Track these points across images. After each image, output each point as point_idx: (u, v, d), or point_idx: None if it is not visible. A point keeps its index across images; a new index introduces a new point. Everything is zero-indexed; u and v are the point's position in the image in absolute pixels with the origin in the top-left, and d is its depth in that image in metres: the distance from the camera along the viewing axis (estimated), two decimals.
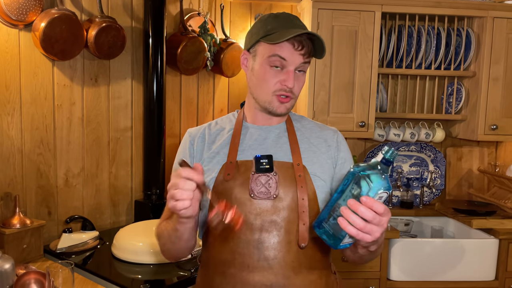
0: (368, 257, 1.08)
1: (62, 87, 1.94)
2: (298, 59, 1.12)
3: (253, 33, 1.18)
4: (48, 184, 1.93)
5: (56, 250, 1.82)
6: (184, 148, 1.23)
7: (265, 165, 1.12)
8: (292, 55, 1.11)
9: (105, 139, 2.12)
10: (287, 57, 1.12)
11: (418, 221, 2.69)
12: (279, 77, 1.14)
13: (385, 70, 2.56)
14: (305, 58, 1.13)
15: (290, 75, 1.13)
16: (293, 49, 1.11)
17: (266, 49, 1.13)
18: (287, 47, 1.11)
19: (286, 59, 1.12)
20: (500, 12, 2.47)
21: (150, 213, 2.17)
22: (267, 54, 1.13)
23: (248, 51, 1.20)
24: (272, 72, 1.14)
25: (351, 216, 0.86)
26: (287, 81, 1.13)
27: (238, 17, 2.67)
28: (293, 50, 1.11)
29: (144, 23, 2.17)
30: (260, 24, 1.17)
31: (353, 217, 0.86)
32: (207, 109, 2.60)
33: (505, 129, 2.55)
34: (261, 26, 1.16)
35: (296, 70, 1.14)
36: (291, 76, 1.13)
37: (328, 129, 1.28)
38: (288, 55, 1.11)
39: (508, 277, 2.33)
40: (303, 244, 1.11)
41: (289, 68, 1.13)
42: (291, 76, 1.13)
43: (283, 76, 1.13)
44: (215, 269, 1.16)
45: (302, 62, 1.13)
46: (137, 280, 1.63)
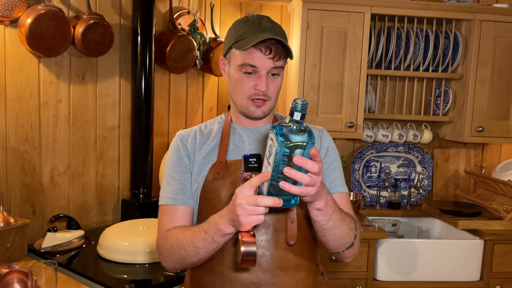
0: (333, 230, 1.05)
1: (48, 84, 1.91)
2: (268, 63, 1.13)
3: (227, 39, 1.20)
4: (33, 182, 1.90)
5: (40, 249, 1.80)
6: (178, 149, 1.22)
7: (253, 164, 1.13)
8: (261, 61, 1.12)
9: (92, 137, 2.10)
10: (257, 64, 1.13)
11: (405, 221, 2.71)
12: (253, 82, 1.15)
13: (374, 71, 2.57)
14: (275, 61, 1.14)
15: (263, 79, 1.14)
16: (262, 54, 1.12)
17: (238, 57, 1.15)
18: (256, 53, 1.12)
19: (256, 66, 1.13)
20: (488, 15, 2.50)
21: (137, 212, 2.15)
22: (239, 61, 1.15)
23: (224, 57, 1.22)
24: (245, 78, 1.15)
25: (297, 175, 0.87)
26: (260, 85, 1.14)
27: (228, 16, 2.66)
28: (262, 55, 1.12)
29: (133, 21, 2.15)
30: (232, 30, 1.18)
31: (299, 175, 0.87)
32: (196, 108, 2.59)
33: (491, 131, 2.58)
34: (233, 31, 1.17)
35: (269, 73, 1.15)
36: (263, 80, 1.14)
37: (313, 128, 1.29)
38: (258, 61, 1.12)
39: (492, 277, 2.35)
40: (292, 241, 1.12)
41: (261, 73, 1.14)
42: (263, 80, 1.14)
43: (256, 80, 1.15)
44: (204, 267, 1.15)
45: (272, 66, 1.14)
46: (122, 280, 1.62)
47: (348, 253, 1.15)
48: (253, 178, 0.92)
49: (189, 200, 1.18)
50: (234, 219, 0.95)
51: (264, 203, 0.90)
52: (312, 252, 1.20)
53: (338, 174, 1.23)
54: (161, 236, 1.15)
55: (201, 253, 1.05)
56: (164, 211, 1.18)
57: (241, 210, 0.92)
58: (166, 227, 1.15)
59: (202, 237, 1.03)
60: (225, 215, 0.99)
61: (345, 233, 1.08)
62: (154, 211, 2.20)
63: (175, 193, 1.17)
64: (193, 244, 1.05)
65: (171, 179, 1.19)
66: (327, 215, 1.01)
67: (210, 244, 1.03)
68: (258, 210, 0.91)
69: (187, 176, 1.19)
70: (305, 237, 1.17)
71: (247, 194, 0.92)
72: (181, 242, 1.08)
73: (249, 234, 0.94)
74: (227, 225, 0.98)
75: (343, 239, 1.09)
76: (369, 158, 2.79)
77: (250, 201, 0.91)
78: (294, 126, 0.88)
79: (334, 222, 1.03)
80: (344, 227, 1.07)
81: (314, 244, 1.22)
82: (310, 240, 1.20)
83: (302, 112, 0.89)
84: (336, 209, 1.03)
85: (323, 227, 1.04)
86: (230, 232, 0.99)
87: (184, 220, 1.16)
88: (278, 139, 0.87)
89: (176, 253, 1.10)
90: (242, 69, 1.14)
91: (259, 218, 0.92)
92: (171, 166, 1.20)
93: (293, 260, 1.14)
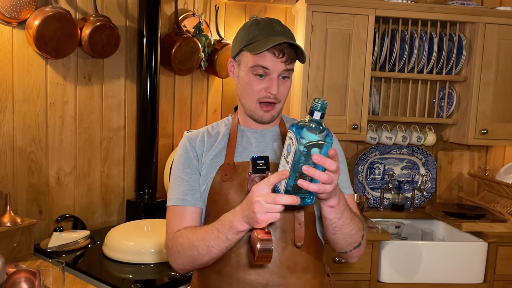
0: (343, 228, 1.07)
1: (55, 86, 1.93)
2: (280, 66, 1.14)
3: (237, 41, 1.21)
4: (39, 183, 1.92)
5: (46, 249, 1.81)
6: (186, 150, 1.23)
7: (261, 166, 1.14)
8: (273, 64, 1.14)
9: (97, 138, 2.12)
10: (269, 66, 1.14)
11: (409, 223, 2.71)
12: (263, 84, 1.16)
13: (378, 74, 2.58)
14: (287, 64, 1.15)
15: (274, 82, 1.15)
16: (274, 57, 1.13)
17: (249, 59, 1.16)
18: (268, 56, 1.13)
19: (268, 68, 1.14)
20: (492, 18, 2.50)
21: (142, 212, 2.17)
22: (250, 63, 1.15)
23: (234, 59, 1.23)
24: (256, 80, 1.16)
25: (316, 173, 0.89)
26: (271, 88, 1.15)
27: (233, 18, 2.68)
28: (274, 58, 1.13)
29: (139, 23, 2.17)
30: (243, 32, 1.19)
31: (317, 174, 0.89)
32: (201, 109, 2.60)
33: (495, 134, 2.58)
34: (243, 34, 1.18)
35: (280, 76, 1.16)
36: (275, 83, 1.15)
37: None
38: (270, 63, 1.13)
39: (496, 279, 2.35)
40: (299, 243, 1.13)
41: (273, 76, 1.15)
42: (275, 83, 1.15)
43: (267, 83, 1.16)
44: (211, 268, 1.16)
45: (284, 69, 1.15)
46: (128, 280, 1.63)
47: (355, 253, 1.16)
48: (271, 176, 0.94)
49: (198, 201, 1.19)
50: (249, 216, 0.96)
51: (282, 201, 0.92)
52: (319, 254, 1.21)
53: (344, 175, 1.25)
54: (171, 237, 1.16)
55: (213, 252, 1.06)
56: (172, 212, 1.19)
57: (259, 207, 0.93)
58: (175, 228, 1.16)
59: (215, 235, 1.04)
60: (239, 212, 1.00)
61: (354, 232, 1.09)
62: (159, 212, 2.21)
63: (184, 194, 1.18)
64: (206, 243, 1.06)
65: (179, 180, 1.20)
66: (339, 213, 1.03)
67: (223, 242, 1.04)
68: (275, 208, 0.93)
69: (196, 177, 1.20)
70: (312, 238, 1.18)
71: (265, 192, 0.94)
72: (192, 242, 1.09)
73: (263, 231, 0.95)
74: (241, 222, 0.99)
75: (351, 238, 1.10)
76: (372, 160, 2.79)
77: (269, 199, 0.92)
78: (314, 126, 0.90)
79: (344, 220, 1.05)
80: (353, 226, 1.08)
81: (321, 245, 1.23)
82: (317, 241, 1.21)
83: (322, 112, 0.91)
84: (347, 207, 1.05)
85: (334, 225, 1.05)
86: (244, 230, 1.01)
87: (193, 221, 1.17)
88: (297, 138, 0.89)
89: (188, 253, 1.10)
90: (253, 71, 1.15)
91: (275, 215, 0.93)
92: (180, 167, 1.21)
93: (300, 261, 1.15)
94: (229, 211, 1.04)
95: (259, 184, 0.95)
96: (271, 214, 0.93)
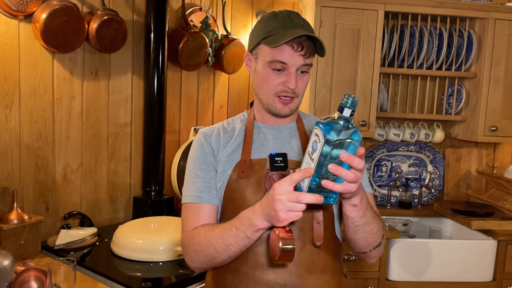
0: (365, 227, 1.05)
1: (62, 81, 1.90)
2: (299, 60, 1.11)
3: (254, 35, 1.17)
4: (46, 179, 1.89)
5: (54, 246, 1.78)
6: (202, 146, 1.20)
7: (279, 163, 1.11)
8: (292, 57, 1.10)
9: (104, 134, 2.09)
10: (287, 61, 1.11)
11: (417, 221, 2.69)
12: (281, 78, 1.13)
13: (386, 70, 2.55)
14: (306, 59, 1.12)
15: (292, 76, 1.12)
16: (293, 50, 1.10)
17: (267, 53, 1.12)
18: (286, 50, 1.10)
19: (286, 63, 1.11)
20: (502, 14, 2.47)
21: (149, 210, 2.14)
22: (267, 58, 1.12)
23: (251, 53, 1.20)
24: (274, 75, 1.13)
25: (342, 172, 0.87)
26: (289, 82, 1.12)
27: (240, 13, 2.64)
28: (293, 52, 1.10)
29: (146, 17, 2.14)
30: (260, 25, 1.16)
31: (344, 172, 0.87)
32: (207, 105, 2.57)
33: (504, 131, 2.55)
34: (261, 27, 1.15)
35: (298, 71, 1.13)
36: (293, 77, 1.12)
37: None
38: (288, 57, 1.10)
39: (505, 278, 2.34)
40: (319, 243, 1.11)
41: (291, 70, 1.12)
42: (293, 77, 1.12)
43: (285, 77, 1.13)
44: (227, 267, 1.14)
45: (302, 63, 1.12)
46: (137, 278, 1.60)
47: (375, 253, 1.13)
48: (294, 174, 0.91)
49: (214, 198, 1.16)
50: (270, 214, 0.93)
51: (305, 200, 0.89)
52: (337, 254, 1.19)
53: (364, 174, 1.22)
54: (187, 235, 1.13)
55: (232, 250, 1.04)
56: (188, 209, 1.16)
57: (281, 205, 0.90)
58: (192, 225, 1.13)
59: (234, 233, 1.02)
60: (259, 210, 0.97)
61: (375, 231, 1.07)
62: (166, 209, 2.19)
63: (200, 191, 1.15)
64: (224, 241, 1.03)
65: (195, 177, 1.17)
66: (361, 211, 1.00)
67: (242, 240, 1.01)
68: (298, 207, 0.90)
69: (212, 174, 1.17)
70: (330, 238, 1.16)
71: (287, 190, 0.91)
72: (210, 240, 1.06)
73: (284, 230, 0.93)
74: (261, 220, 0.97)
75: (372, 237, 1.07)
76: (380, 157, 2.77)
77: (291, 197, 0.89)
78: (343, 123, 0.87)
79: (366, 219, 1.03)
80: (375, 225, 1.06)
81: (339, 245, 1.21)
82: (335, 241, 1.18)
83: (352, 109, 0.87)
84: (369, 206, 1.03)
85: (355, 224, 1.03)
86: (263, 228, 0.98)
87: (209, 219, 1.14)
88: (325, 135, 0.85)
89: (205, 251, 1.07)
90: (270, 65, 1.12)
91: (298, 214, 0.91)
92: (196, 164, 1.18)
93: (319, 262, 1.12)
94: (248, 208, 1.02)
95: (281, 182, 0.92)
96: (293, 212, 0.91)
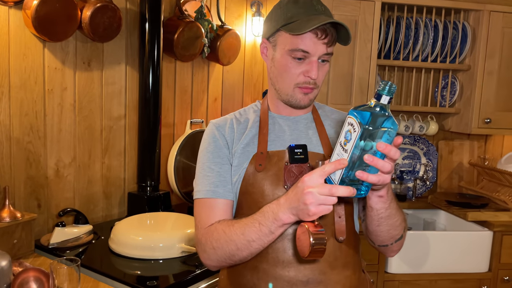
0: (389, 219, 1.02)
1: (53, 71, 1.80)
2: (321, 48, 1.06)
3: (273, 21, 1.10)
4: (37, 175, 1.80)
5: (48, 245, 1.70)
6: (215, 138, 1.14)
7: (299, 155, 1.07)
8: (315, 46, 1.05)
9: (97, 127, 2.00)
10: (310, 49, 1.05)
11: (411, 213, 2.69)
12: (302, 68, 1.07)
13: (382, 62, 2.53)
14: (328, 47, 1.06)
15: (314, 65, 1.06)
16: (316, 38, 1.04)
17: (287, 40, 1.06)
18: (309, 37, 1.04)
19: (309, 52, 1.05)
20: (497, 6, 2.48)
21: (145, 205, 2.07)
22: (288, 46, 1.06)
23: (267, 40, 1.13)
24: (295, 64, 1.07)
25: (379, 162, 0.83)
26: (311, 72, 1.06)
27: (234, 3, 2.58)
28: (316, 40, 1.04)
29: (141, 6, 2.05)
30: (279, 10, 1.09)
31: (380, 163, 0.84)
32: (201, 98, 2.50)
33: (498, 123, 2.58)
34: (280, 13, 1.08)
35: (319, 59, 1.08)
36: (315, 67, 1.06)
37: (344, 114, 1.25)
38: (311, 46, 1.04)
39: (501, 268, 2.36)
40: (342, 237, 1.07)
41: (312, 59, 1.06)
42: (315, 66, 1.06)
43: (306, 67, 1.07)
44: (245, 264, 1.08)
45: (325, 52, 1.07)
46: (139, 276, 1.54)
47: (396, 246, 1.10)
48: (326, 165, 0.86)
49: (229, 193, 1.10)
50: (299, 208, 0.89)
51: (339, 192, 0.85)
52: (357, 248, 1.15)
53: None
54: (203, 232, 1.07)
55: (254, 247, 0.99)
56: (202, 205, 1.10)
57: (312, 199, 0.86)
58: (208, 222, 1.07)
59: (256, 228, 0.97)
60: (285, 203, 0.92)
61: (398, 224, 1.04)
62: (163, 204, 2.12)
63: (215, 186, 1.09)
64: (245, 237, 0.98)
65: (209, 171, 1.11)
66: (387, 203, 0.97)
67: (266, 236, 0.96)
68: (330, 200, 0.86)
69: (227, 167, 1.11)
70: (350, 232, 1.12)
71: (318, 182, 0.86)
72: (230, 236, 1.01)
73: (313, 224, 0.88)
74: (287, 214, 0.92)
75: (396, 229, 1.04)
76: None
77: (324, 190, 0.85)
78: (381, 111, 0.82)
79: (391, 211, 0.99)
80: (398, 217, 1.03)
81: (358, 239, 1.17)
82: (355, 235, 1.14)
83: (390, 96, 0.83)
84: (394, 197, 1.00)
85: (380, 215, 0.99)
86: (289, 222, 0.94)
87: (225, 214, 1.09)
88: (362, 124, 0.81)
89: (224, 248, 1.02)
90: (291, 54, 1.06)
91: (329, 208, 0.87)
92: (209, 157, 1.12)
93: (341, 257, 1.09)
94: (272, 202, 0.97)
95: (311, 174, 0.88)
96: (324, 206, 0.86)
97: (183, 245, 1.66)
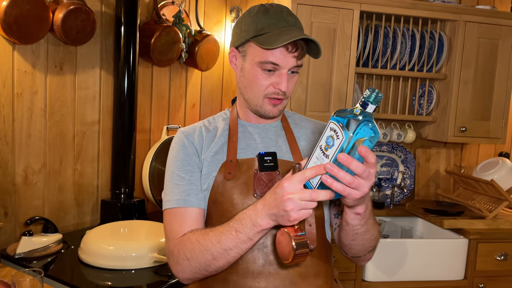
0: (365, 235, 1.01)
1: (23, 74, 1.75)
2: (292, 61, 1.05)
3: (242, 30, 1.08)
4: (4, 182, 1.73)
5: (14, 255, 1.63)
6: (185, 146, 1.11)
7: (269, 163, 1.05)
8: (285, 59, 1.04)
9: (69, 133, 1.95)
10: (280, 62, 1.04)
11: (389, 221, 2.70)
12: (272, 79, 1.06)
13: (361, 70, 2.54)
14: (298, 60, 1.06)
15: (284, 77, 1.05)
16: (287, 52, 1.03)
17: (257, 52, 1.05)
18: (280, 51, 1.03)
19: (279, 64, 1.04)
20: (472, 17, 2.52)
21: (118, 213, 2.01)
22: (258, 58, 1.05)
23: (236, 49, 1.11)
24: (264, 75, 1.06)
25: (339, 173, 0.81)
26: (280, 84, 1.05)
27: (213, 9, 2.56)
28: (287, 53, 1.03)
29: (116, 9, 2.01)
30: (249, 20, 1.07)
31: (341, 174, 0.82)
32: (179, 104, 2.47)
33: (473, 131, 2.61)
34: (250, 22, 1.06)
35: (289, 71, 1.07)
36: (284, 79, 1.05)
37: (320, 123, 1.25)
38: (281, 59, 1.04)
39: (476, 276, 2.38)
40: (312, 246, 1.05)
41: (282, 71, 1.05)
42: (284, 79, 1.05)
43: (276, 78, 1.06)
44: (216, 276, 1.05)
45: (295, 65, 1.06)
46: (107, 287, 1.49)
47: (369, 256, 1.09)
48: (306, 171, 0.85)
49: (201, 201, 1.07)
50: (279, 214, 0.87)
51: (320, 197, 0.84)
52: (329, 257, 1.14)
53: None
54: (175, 242, 1.03)
55: (231, 255, 0.96)
56: (173, 214, 1.06)
57: (292, 205, 0.85)
58: (179, 232, 1.04)
59: (234, 236, 0.94)
60: (263, 209, 0.90)
61: (373, 238, 1.02)
62: (137, 212, 2.07)
63: (186, 194, 1.06)
64: (222, 245, 0.95)
65: (179, 179, 1.07)
66: (363, 220, 0.95)
67: (244, 243, 0.94)
68: (310, 205, 0.85)
69: (198, 176, 1.08)
70: (322, 240, 1.10)
71: (298, 188, 0.85)
72: (205, 246, 0.97)
73: (293, 228, 0.87)
74: (266, 220, 0.90)
75: (370, 243, 1.03)
76: None
77: (304, 196, 0.84)
78: (365, 119, 0.81)
79: (367, 227, 0.98)
80: (374, 231, 1.02)
81: (330, 248, 1.16)
82: (326, 244, 1.13)
83: (376, 105, 0.82)
84: (372, 214, 0.98)
85: (355, 231, 0.98)
86: (268, 228, 0.92)
87: (198, 224, 1.05)
88: (346, 132, 0.80)
89: (199, 258, 0.98)
90: (261, 66, 1.04)
91: (309, 212, 0.86)
92: (179, 165, 1.09)
93: (312, 266, 1.07)
94: (247, 208, 0.94)
95: (290, 179, 0.86)
96: (305, 211, 0.86)
97: (155, 255, 1.61)
